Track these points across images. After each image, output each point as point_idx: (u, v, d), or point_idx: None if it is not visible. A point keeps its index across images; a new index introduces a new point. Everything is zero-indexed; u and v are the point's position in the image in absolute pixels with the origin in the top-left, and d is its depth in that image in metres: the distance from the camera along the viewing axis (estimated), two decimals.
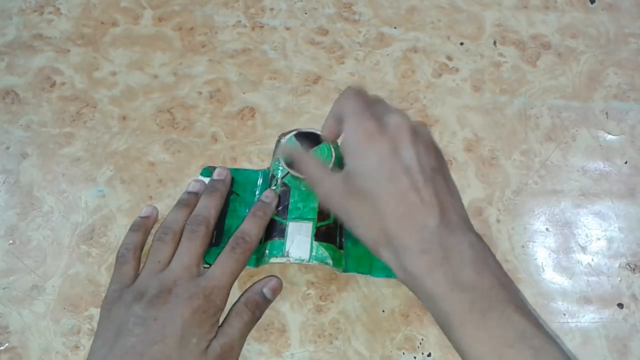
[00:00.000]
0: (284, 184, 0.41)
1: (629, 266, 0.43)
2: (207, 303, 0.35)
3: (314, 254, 0.38)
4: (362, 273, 0.40)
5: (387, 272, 0.39)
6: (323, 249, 0.38)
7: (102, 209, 0.43)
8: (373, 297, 0.42)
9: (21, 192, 0.44)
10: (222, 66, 0.48)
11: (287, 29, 0.49)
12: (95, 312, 0.40)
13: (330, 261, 0.38)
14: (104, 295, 0.37)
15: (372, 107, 0.37)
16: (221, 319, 0.37)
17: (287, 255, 0.38)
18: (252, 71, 0.48)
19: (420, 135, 0.35)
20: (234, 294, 0.41)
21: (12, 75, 0.47)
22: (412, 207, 0.33)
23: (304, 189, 0.40)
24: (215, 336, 0.35)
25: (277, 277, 0.40)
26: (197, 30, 0.49)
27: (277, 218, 0.40)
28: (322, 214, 0.40)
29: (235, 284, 0.42)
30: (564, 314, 0.41)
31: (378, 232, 0.34)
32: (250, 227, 0.39)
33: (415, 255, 0.32)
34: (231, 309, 0.38)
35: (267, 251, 0.39)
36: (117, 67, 0.47)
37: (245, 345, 0.37)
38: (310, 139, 0.41)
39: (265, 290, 0.39)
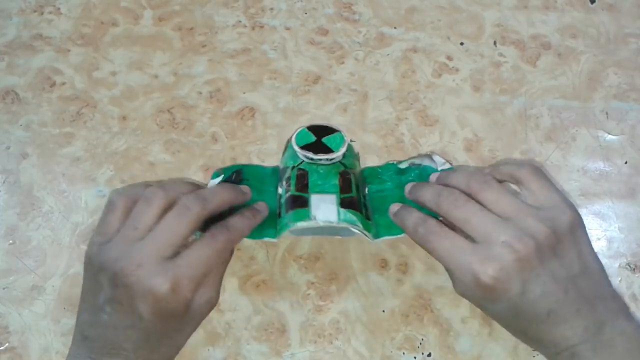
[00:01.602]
0: (300, 169, 0.39)
1: (629, 266, 0.43)
2: (174, 297, 0.31)
3: (342, 217, 0.36)
4: (396, 235, 0.38)
5: None
6: (351, 214, 0.37)
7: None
8: (373, 297, 0.42)
9: (21, 192, 0.44)
10: (222, 66, 0.48)
11: (287, 29, 0.49)
12: None
13: (359, 224, 0.37)
14: None
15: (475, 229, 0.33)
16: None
17: (314, 219, 0.36)
18: (252, 71, 0.48)
19: (563, 242, 0.33)
20: (235, 296, 0.41)
21: (12, 75, 0.47)
22: (557, 319, 0.32)
23: (322, 171, 0.39)
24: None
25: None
26: (197, 30, 0.49)
27: (297, 193, 0.38)
28: (344, 190, 0.38)
29: (236, 283, 0.42)
30: None
31: (519, 332, 0.34)
32: (237, 220, 0.35)
33: (564, 357, 0.32)
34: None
35: (289, 219, 0.37)
36: (117, 67, 0.47)
37: (245, 345, 0.37)
38: (321, 130, 0.41)
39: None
